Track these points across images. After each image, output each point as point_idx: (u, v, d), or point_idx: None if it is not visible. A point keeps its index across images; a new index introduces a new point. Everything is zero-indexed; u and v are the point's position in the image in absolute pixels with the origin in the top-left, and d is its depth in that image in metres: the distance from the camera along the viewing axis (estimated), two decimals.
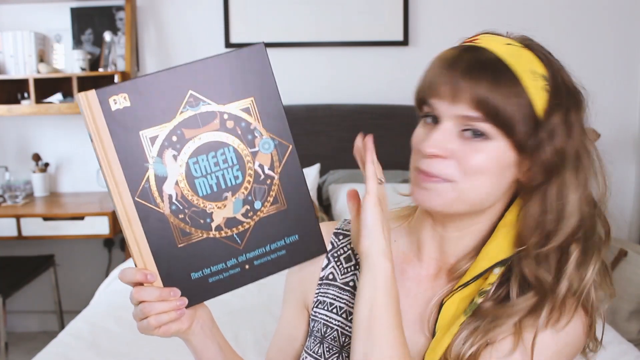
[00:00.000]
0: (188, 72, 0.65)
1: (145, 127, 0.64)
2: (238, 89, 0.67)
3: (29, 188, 2.89)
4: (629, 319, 2.56)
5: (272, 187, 0.69)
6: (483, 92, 0.64)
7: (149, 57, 2.89)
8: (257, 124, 0.68)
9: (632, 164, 2.95)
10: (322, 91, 2.84)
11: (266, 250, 0.70)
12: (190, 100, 0.65)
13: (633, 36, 2.85)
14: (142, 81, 0.64)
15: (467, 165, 0.66)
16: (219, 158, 0.67)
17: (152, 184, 0.65)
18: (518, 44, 0.69)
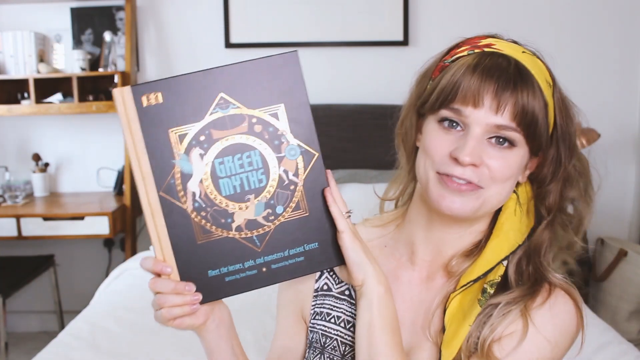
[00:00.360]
0: (221, 75, 0.67)
1: (175, 125, 0.66)
2: (268, 95, 0.68)
3: (29, 188, 2.89)
4: (629, 319, 2.56)
5: (295, 193, 0.70)
6: (524, 104, 0.67)
7: (149, 57, 2.89)
8: (285, 130, 0.69)
9: (632, 164, 2.95)
10: (322, 91, 2.84)
11: (285, 255, 0.71)
12: (220, 102, 0.67)
13: (633, 36, 2.85)
14: (175, 80, 0.66)
15: (497, 173, 0.69)
16: (245, 160, 0.68)
17: (178, 180, 0.67)
18: (529, 52, 0.72)
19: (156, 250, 0.68)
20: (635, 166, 2.95)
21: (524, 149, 0.70)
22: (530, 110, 0.67)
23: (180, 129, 0.66)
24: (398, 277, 0.79)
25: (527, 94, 0.67)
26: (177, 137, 0.66)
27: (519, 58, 0.70)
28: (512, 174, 0.70)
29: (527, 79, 0.68)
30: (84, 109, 2.63)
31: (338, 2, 2.81)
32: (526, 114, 0.67)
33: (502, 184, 0.70)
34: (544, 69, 0.72)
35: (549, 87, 0.70)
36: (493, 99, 0.67)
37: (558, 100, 0.71)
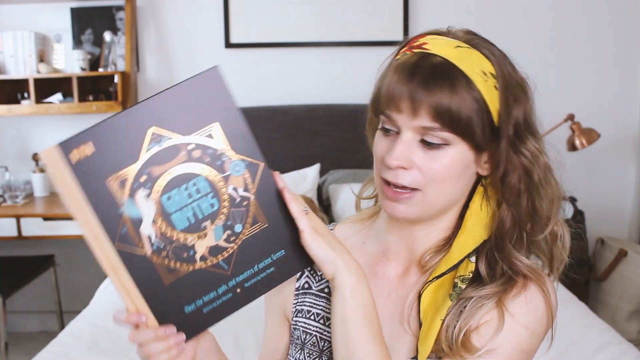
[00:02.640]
0: (147, 110, 0.64)
1: (112, 172, 0.64)
2: (200, 117, 0.66)
3: (29, 188, 2.89)
4: (629, 319, 2.56)
5: (250, 207, 0.68)
6: (440, 104, 0.65)
7: (149, 57, 2.89)
8: (224, 148, 0.67)
9: (632, 164, 2.95)
10: (322, 91, 2.84)
11: (255, 270, 0.70)
12: (153, 137, 0.64)
13: (633, 36, 2.85)
14: (102, 127, 0.63)
15: (430, 174, 0.68)
16: (192, 189, 0.66)
17: (130, 228, 0.65)
18: (466, 45, 0.70)
19: (126, 302, 0.66)
20: (635, 166, 2.95)
21: (460, 146, 0.68)
22: (447, 107, 0.65)
23: (118, 175, 0.64)
24: (376, 272, 0.80)
25: (442, 92, 0.65)
26: (117, 185, 0.64)
27: (447, 55, 0.68)
28: (450, 173, 0.69)
29: (446, 76, 0.66)
30: (84, 109, 2.63)
31: (338, 2, 2.81)
32: (445, 112, 0.66)
33: (440, 184, 0.69)
34: (481, 61, 0.69)
35: (486, 77, 0.68)
36: (409, 103, 0.67)
37: (502, 89, 0.69)
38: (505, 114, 0.69)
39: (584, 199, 2.83)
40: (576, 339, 1.64)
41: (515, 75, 0.72)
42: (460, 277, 0.72)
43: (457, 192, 0.72)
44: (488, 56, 0.70)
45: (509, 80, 0.70)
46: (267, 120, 2.78)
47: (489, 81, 0.68)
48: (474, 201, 0.74)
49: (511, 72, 0.71)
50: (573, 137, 2.64)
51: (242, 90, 2.89)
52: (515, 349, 0.70)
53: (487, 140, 0.69)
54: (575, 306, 1.88)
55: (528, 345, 0.71)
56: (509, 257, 0.72)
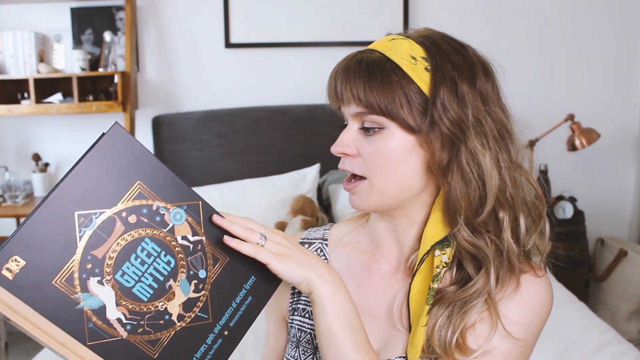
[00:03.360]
0: (61, 197, 0.60)
1: (54, 273, 0.59)
2: (119, 182, 0.62)
3: (29, 188, 2.89)
4: (629, 319, 2.57)
5: (206, 249, 0.67)
6: (358, 90, 0.70)
7: (149, 57, 2.89)
8: (157, 202, 0.64)
9: (632, 164, 2.95)
10: (322, 91, 2.82)
11: (234, 307, 0.69)
12: (81, 221, 0.60)
13: (633, 36, 2.85)
14: (23, 234, 0.58)
15: (370, 158, 0.71)
16: (142, 256, 0.63)
17: (95, 319, 0.61)
18: (401, 37, 0.73)
19: None
20: (635, 166, 2.95)
21: (394, 129, 0.70)
22: (368, 93, 0.69)
23: (62, 274, 0.59)
24: (370, 270, 0.81)
25: (359, 79, 0.70)
26: (65, 284, 0.59)
27: (378, 47, 0.73)
28: (389, 156, 0.70)
29: (364, 66, 0.70)
30: (84, 109, 2.63)
31: (338, 2, 2.81)
32: (365, 97, 0.69)
33: (382, 169, 0.71)
34: (412, 46, 0.71)
35: (413, 61, 0.70)
36: (337, 93, 0.73)
37: (439, 69, 0.69)
38: (432, 91, 0.69)
39: (584, 199, 2.84)
40: (576, 339, 1.64)
41: (456, 58, 0.71)
42: (433, 278, 0.71)
43: (407, 179, 0.71)
44: (420, 42, 0.72)
45: (446, 62, 0.70)
46: (267, 120, 2.78)
47: (418, 64, 0.70)
48: (441, 194, 0.74)
49: (450, 56, 0.71)
50: (573, 137, 2.64)
51: (242, 90, 2.89)
52: (511, 349, 0.70)
53: (423, 120, 0.69)
54: (575, 306, 1.88)
55: (525, 342, 0.71)
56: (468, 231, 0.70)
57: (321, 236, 0.87)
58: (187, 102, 2.90)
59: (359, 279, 0.81)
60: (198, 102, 2.88)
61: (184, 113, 2.83)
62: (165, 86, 2.91)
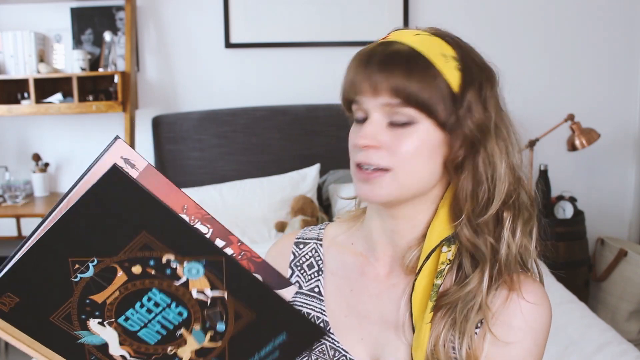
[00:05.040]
0: (54, 239, 0.52)
1: (51, 311, 0.55)
2: (120, 232, 0.53)
3: (29, 188, 2.88)
4: (629, 319, 2.56)
5: (227, 305, 0.58)
6: (399, 81, 0.67)
7: (149, 57, 2.89)
8: (168, 255, 0.54)
9: (632, 164, 2.95)
10: (322, 91, 2.84)
11: (256, 359, 0.63)
12: (76, 267, 0.53)
13: (633, 36, 2.85)
14: (14, 272, 0.53)
15: (399, 151, 0.69)
16: (149, 305, 0.56)
17: (98, 354, 0.57)
18: (426, 33, 0.72)
19: None
20: (635, 166, 2.95)
21: (426, 124, 0.69)
22: (407, 85, 0.67)
23: (60, 312, 0.55)
24: (364, 273, 0.80)
25: (399, 71, 0.67)
26: (63, 321, 0.55)
27: (407, 41, 0.70)
28: (418, 152, 0.69)
29: (402, 59, 0.68)
30: (84, 109, 2.63)
31: (338, 2, 2.81)
32: (403, 89, 0.67)
33: (409, 163, 0.69)
34: (441, 45, 0.71)
35: (445, 59, 0.69)
36: (368, 83, 0.69)
37: (463, 70, 0.70)
38: (461, 91, 0.69)
39: (584, 199, 2.83)
40: (576, 339, 1.64)
41: (479, 62, 0.73)
42: (437, 274, 0.72)
43: (429, 174, 0.71)
44: (449, 42, 0.71)
45: (472, 64, 0.71)
46: (266, 120, 2.78)
47: (449, 62, 0.69)
48: (448, 192, 0.74)
49: (474, 58, 0.72)
50: (573, 137, 2.64)
51: (241, 90, 2.89)
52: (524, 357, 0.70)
53: (452, 118, 0.69)
54: (575, 306, 1.88)
55: (535, 348, 0.71)
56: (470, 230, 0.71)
57: (316, 236, 0.86)
58: (187, 102, 2.90)
59: (353, 282, 0.80)
60: (198, 102, 2.88)
61: (183, 113, 2.83)
62: (165, 86, 2.91)
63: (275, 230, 2.46)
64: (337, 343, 0.77)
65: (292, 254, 0.85)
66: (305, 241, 0.86)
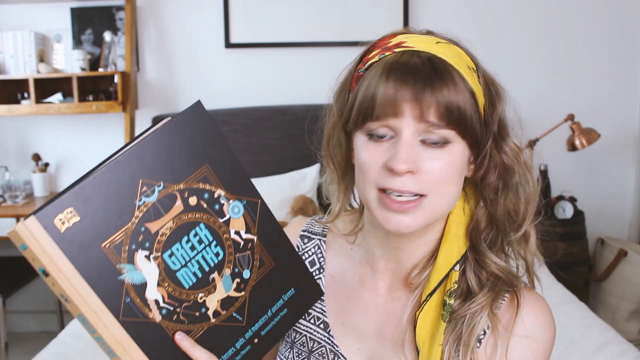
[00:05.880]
0: (131, 160, 0.57)
1: (105, 236, 0.56)
2: (189, 161, 0.60)
3: (29, 188, 2.89)
4: (629, 319, 2.56)
5: (255, 250, 0.65)
6: (450, 101, 0.61)
7: (149, 57, 2.89)
8: (219, 191, 0.62)
9: (632, 164, 2.95)
10: (322, 91, 2.83)
11: (269, 316, 0.66)
12: (143, 190, 0.58)
13: (633, 36, 2.85)
14: (84, 187, 0.55)
15: (436, 176, 0.63)
16: (194, 240, 0.61)
17: (133, 295, 0.58)
18: (444, 41, 0.67)
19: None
20: (635, 166, 2.95)
21: (460, 144, 0.64)
22: (455, 105, 0.61)
23: (112, 240, 0.56)
24: (363, 282, 0.77)
25: (448, 89, 0.61)
26: (113, 250, 0.56)
27: (433, 50, 0.64)
28: (454, 173, 0.64)
29: (445, 73, 0.62)
30: (84, 109, 2.63)
31: (338, 2, 2.81)
32: (452, 110, 0.61)
33: (443, 186, 0.64)
34: (463, 55, 0.66)
35: (472, 72, 0.65)
36: (413, 106, 0.61)
37: (484, 84, 0.66)
38: (490, 108, 0.66)
39: (584, 199, 2.83)
40: (576, 339, 1.64)
41: (487, 73, 0.70)
42: (447, 292, 0.69)
43: (457, 195, 0.68)
44: (466, 51, 0.68)
45: (487, 75, 0.68)
46: (266, 120, 2.78)
47: (474, 76, 0.65)
48: (456, 206, 0.71)
49: (484, 69, 0.69)
50: (573, 137, 2.64)
51: (242, 90, 2.89)
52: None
53: (479, 136, 0.66)
54: (575, 306, 1.88)
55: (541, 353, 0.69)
56: (483, 258, 0.69)
57: (321, 231, 0.83)
58: (187, 102, 2.90)
59: (350, 290, 0.77)
60: None
61: None
62: (165, 86, 2.91)
63: None
64: (337, 347, 0.75)
65: (297, 247, 0.83)
66: (310, 236, 0.84)
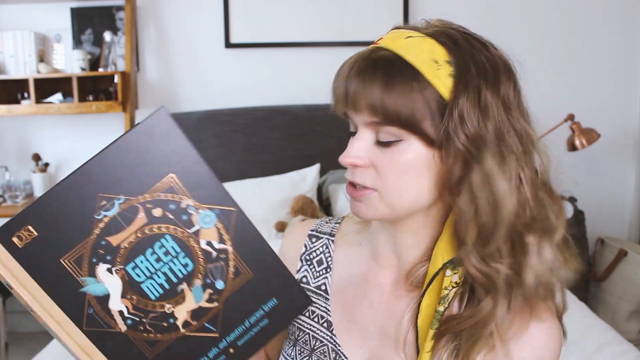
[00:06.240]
0: (89, 175, 0.57)
1: (65, 251, 0.57)
2: (152, 171, 0.58)
3: (29, 188, 2.89)
4: (629, 319, 2.56)
5: (229, 260, 0.62)
6: (376, 96, 0.61)
7: (149, 57, 2.89)
8: (187, 201, 0.59)
9: (632, 164, 2.95)
10: (322, 91, 2.82)
11: (247, 326, 0.64)
12: (102, 204, 0.57)
13: (633, 36, 2.85)
14: (40, 204, 0.56)
15: (384, 171, 0.65)
16: (159, 252, 0.60)
17: (96, 307, 0.58)
18: (419, 35, 0.65)
19: None
20: (635, 166, 2.95)
21: (412, 141, 0.63)
22: (381, 102, 0.61)
23: (72, 254, 0.57)
24: (368, 281, 0.77)
25: (376, 86, 0.61)
26: (72, 264, 0.57)
27: (392, 46, 0.64)
28: (404, 171, 0.64)
29: (380, 70, 0.62)
30: (84, 109, 2.63)
31: (338, 2, 2.81)
32: (380, 107, 0.61)
33: (396, 183, 0.64)
34: (434, 48, 0.63)
35: (436, 65, 0.62)
36: (348, 98, 0.64)
37: (463, 76, 0.62)
38: (452, 100, 0.62)
39: (584, 199, 2.83)
40: (576, 339, 1.64)
41: (482, 62, 0.65)
42: (440, 299, 0.67)
43: (420, 194, 0.66)
44: (444, 43, 0.65)
45: (471, 66, 0.64)
46: (266, 120, 2.78)
47: (442, 69, 0.62)
48: (454, 210, 0.68)
49: (476, 59, 0.64)
50: (573, 137, 2.64)
51: (241, 90, 2.89)
52: None
53: (441, 133, 0.62)
54: (575, 306, 1.88)
55: None
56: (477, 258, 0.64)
57: (329, 231, 0.83)
58: (186, 102, 2.90)
59: (356, 288, 0.77)
60: (198, 102, 2.88)
61: (183, 113, 2.83)
62: (165, 86, 2.91)
63: (275, 230, 2.46)
64: (339, 347, 0.75)
65: (304, 246, 0.83)
66: (319, 235, 0.83)
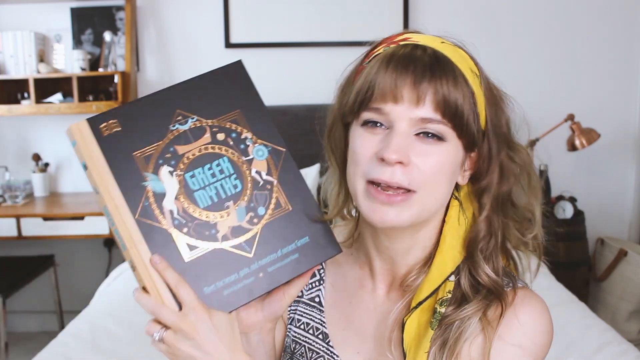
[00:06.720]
0: (174, 93, 0.68)
1: (138, 147, 0.66)
2: (223, 104, 0.69)
3: (29, 188, 2.89)
4: (629, 319, 2.56)
5: (273, 191, 0.69)
6: (446, 93, 0.61)
7: (149, 57, 2.89)
8: (247, 133, 0.70)
9: (632, 164, 2.95)
10: (322, 91, 2.82)
11: (278, 255, 0.68)
12: (178, 118, 0.68)
13: (633, 36, 2.85)
14: (130, 106, 0.67)
15: (427, 171, 0.63)
16: (215, 169, 0.67)
17: (152, 201, 0.65)
18: (449, 43, 0.67)
19: (145, 279, 0.63)
20: (635, 166, 2.95)
21: (455, 144, 0.64)
22: (453, 99, 0.61)
23: (144, 151, 0.66)
24: (363, 286, 0.77)
25: (447, 82, 0.61)
26: (142, 159, 0.65)
27: (436, 47, 0.64)
28: (445, 172, 0.64)
29: (446, 66, 0.62)
30: (84, 109, 2.63)
31: (338, 2, 2.81)
32: (449, 103, 0.61)
33: (435, 184, 0.64)
34: (467, 58, 0.66)
35: (474, 76, 0.64)
36: (412, 91, 0.61)
37: (487, 91, 0.66)
38: (492, 113, 0.66)
39: (584, 199, 2.83)
40: (576, 339, 1.64)
41: (491, 81, 0.70)
42: (439, 301, 0.68)
43: (446, 197, 0.67)
44: (471, 55, 0.68)
45: (490, 82, 0.68)
46: None
47: (476, 79, 0.65)
48: (451, 215, 0.70)
49: (488, 77, 0.69)
50: (573, 137, 2.64)
51: None
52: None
53: (478, 139, 0.65)
54: (575, 306, 1.88)
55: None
56: (477, 268, 0.67)
57: None
58: None
59: (352, 295, 0.77)
60: None
61: None
62: (165, 86, 2.90)
63: None
64: (337, 357, 0.75)
65: None
66: None
